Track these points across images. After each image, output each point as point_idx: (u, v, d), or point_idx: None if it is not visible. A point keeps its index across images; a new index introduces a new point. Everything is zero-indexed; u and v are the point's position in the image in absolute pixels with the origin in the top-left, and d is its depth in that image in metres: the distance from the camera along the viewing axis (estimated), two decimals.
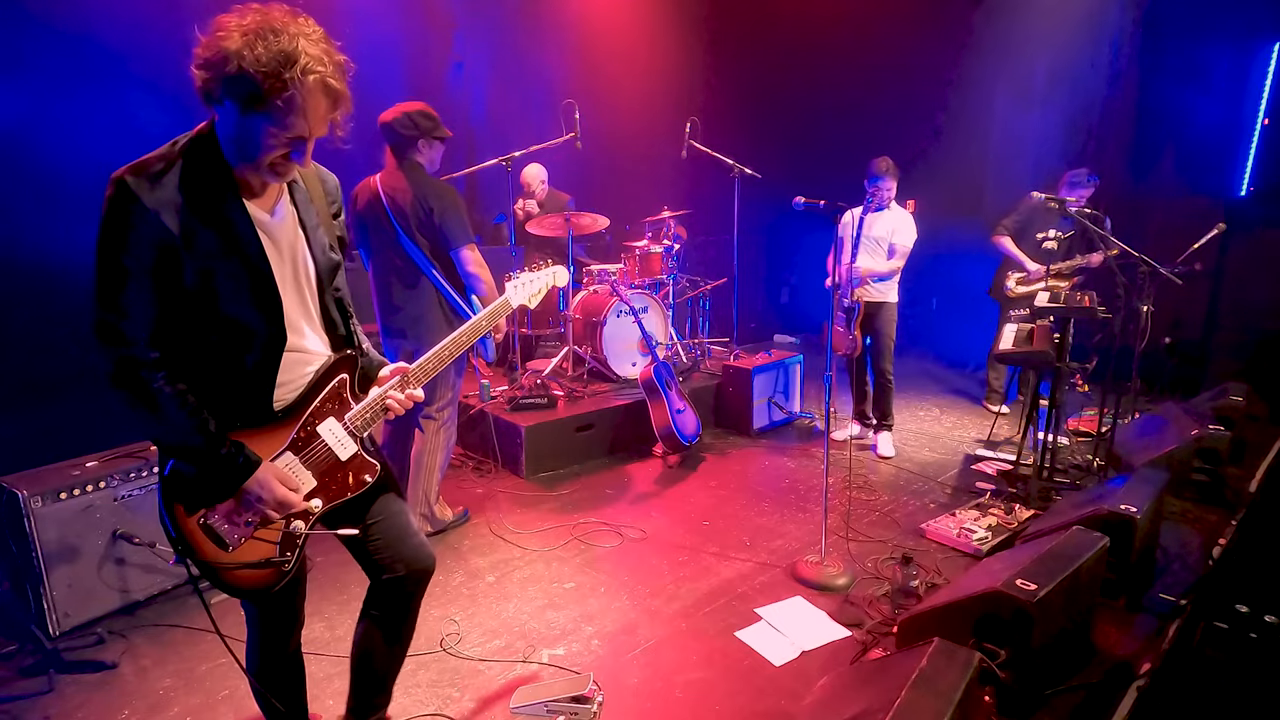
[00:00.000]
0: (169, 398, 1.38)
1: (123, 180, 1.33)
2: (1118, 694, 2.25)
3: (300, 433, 1.55)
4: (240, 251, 1.43)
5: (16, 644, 2.53)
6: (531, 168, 5.60)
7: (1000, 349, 3.85)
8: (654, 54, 7.57)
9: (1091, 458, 3.99)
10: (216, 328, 1.43)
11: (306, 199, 1.58)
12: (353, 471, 1.63)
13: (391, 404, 1.65)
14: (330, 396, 1.60)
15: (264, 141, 1.35)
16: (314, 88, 1.32)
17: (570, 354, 4.91)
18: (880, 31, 6.76)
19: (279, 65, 1.27)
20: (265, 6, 1.33)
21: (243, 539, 1.48)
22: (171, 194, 1.35)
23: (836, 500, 3.68)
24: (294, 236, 1.54)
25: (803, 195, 3.12)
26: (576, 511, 3.68)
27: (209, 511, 1.45)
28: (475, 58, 6.83)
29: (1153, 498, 2.82)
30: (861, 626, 2.67)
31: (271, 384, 1.51)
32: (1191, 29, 5.48)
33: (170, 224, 1.34)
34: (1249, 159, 5.42)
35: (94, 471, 2.69)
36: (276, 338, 1.50)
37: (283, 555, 1.53)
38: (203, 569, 1.46)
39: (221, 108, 1.35)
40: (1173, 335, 5.31)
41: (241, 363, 1.47)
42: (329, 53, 1.35)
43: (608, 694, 2.30)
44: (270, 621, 1.72)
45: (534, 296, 2.08)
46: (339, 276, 1.67)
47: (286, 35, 1.29)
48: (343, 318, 1.68)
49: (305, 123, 1.34)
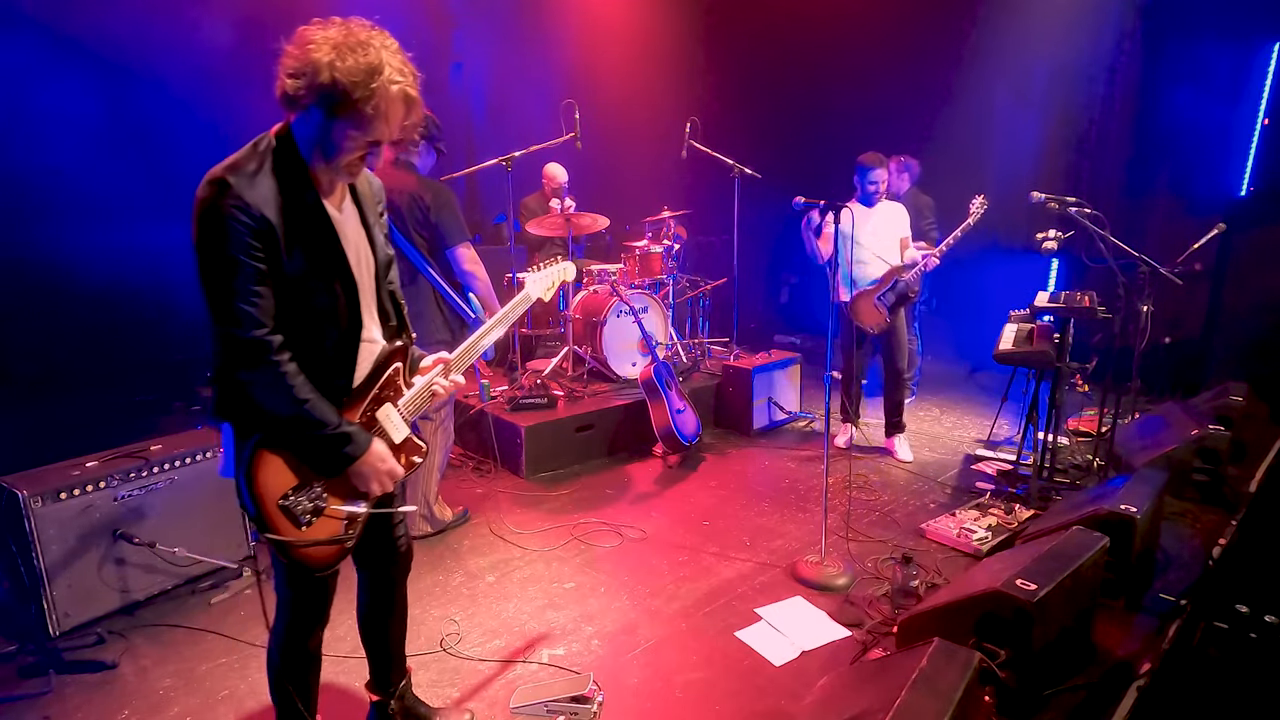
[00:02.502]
0: (299, 377, 1.50)
1: (224, 179, 1.41)
2: (1118, 694, 2.25)
3: (363, 417, 1.67)
4: (324, 244, 1.55)
5: (16, 644, 2.53)
6: (555, 166, 5.61)
7: (1000, 349, 3.85)
8: (654, 54, 7.57)
9: (1091, 458, 3.98)
10: (306, 316, 1.54)
11: (365, 198, 1.70)
12: (404, 453, 1.76)
13: (438, 390, 1.79)
14: (387, 383, 1.72)
15: (345, 145, 1.47)
16: (396, 96, 1.45)
17: (570, 354, 4.91)
18: (880, 31, 6.75)
19: (366, 76, 1.40)
20: (344, 20, 1.45)
21: (314, 518, 1.58)
22: (267, 191, 1.45)
23: (836, 500, 3.68)
24: (358, 232, 1.66)
25: (802, 195, 3.12)
26: (576, 511, 3.68)
27: (289, 494, 1.55)
28: (475, 58, 6.83)
29: (1153, 498, 2.82)
30: (861, 626, 2.67)
31: (351, 369, 1.64)
32: (1191, 29, 5.47)
33: (272, 217, 1.44)
34: (1249, 159, 5.42)
35: (94, 471, 2.68)
36: (355, 325, 1.63)
37: (346, 533, 1.65)
38: (276, 546, 1.56)
39: (305, 113, 1.46)
40: (1173, 335, 5.31)
41: (325, 348, 1.59)
42: (406, 63, 1.48)
43: (608, 694, 2.30)
44: (303, 610, 1.75)
45: (549, 290, 2.18)
46: (392, 270, 1.80)
47: (372, 48, 1.42)
48: (395, 309, 1.80)
49: (386, 128, 1.47)
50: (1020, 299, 4.19)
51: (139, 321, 5.18)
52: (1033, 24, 6.11)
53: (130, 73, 5.17)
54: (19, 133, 4.83)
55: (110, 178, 5.10)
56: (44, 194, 4.96)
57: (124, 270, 4.98)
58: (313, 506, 1.58)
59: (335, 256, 1.57)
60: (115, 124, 5.18)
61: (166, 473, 2.84)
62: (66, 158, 4.98)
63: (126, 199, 5.13)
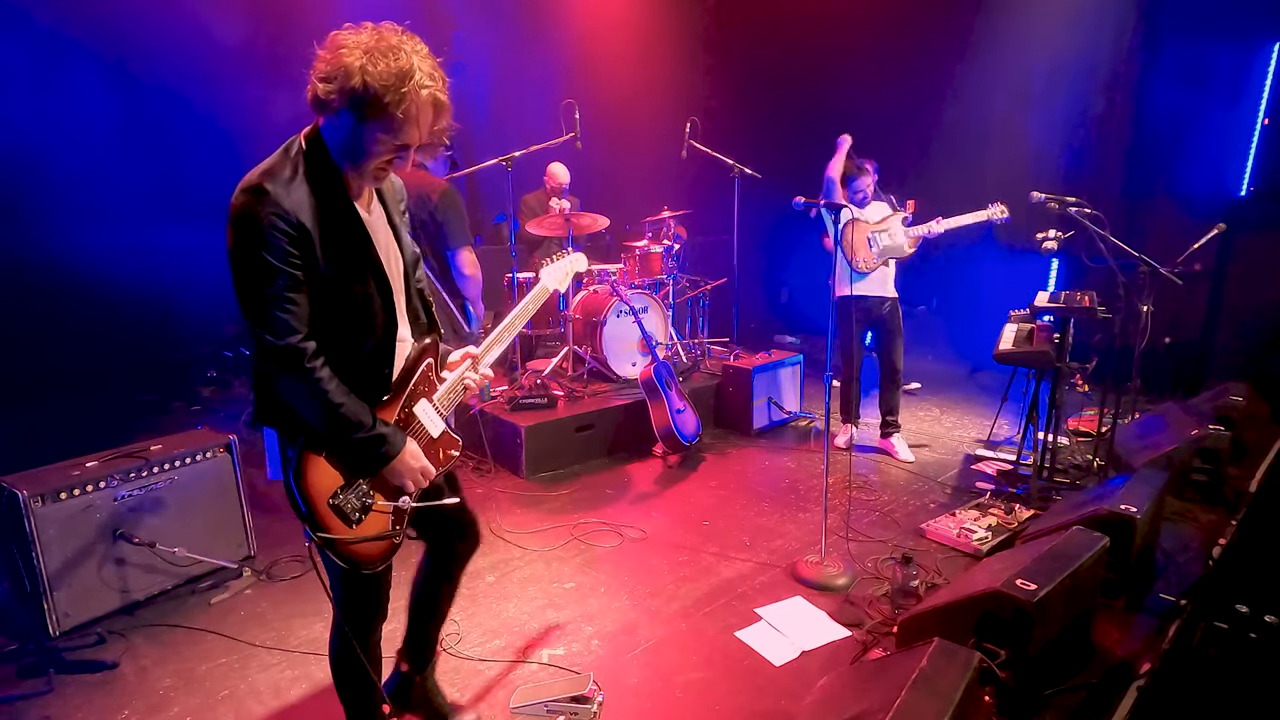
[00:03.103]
0: (333, 382, 1.52)
1: (261, 186, 1.42)
2: (1118, 694, 2.25)
3: (401, 414, 1.69)
4: (358, 247, 1.57)
5: (17, 644, 2.53)
6: (558, 166, 5.61)
7: (1000, 349, 3.85)
8: (654, 54, 7.57)
9: (1091, 458, 3.98)
10: (344, 317, 1.56)
11: (390, 199, 1.72)
12: (442, 447, 1.79)
13: (469, 383, 1.83)
14: (421, 379, 1.74)
15: (374, 148, 1.48)
16: (426, 101, 1.46)
17: (570, 354, 4.91)
18: (880, 31, 6.76)
19: (398, 81, 1.41)
20: (376, 26, 1.45)
21: (364, 516, 1.61)
22: (303, 196, 1.47)
23: (836, 500, 3.68)
24: (386, 232, 1.69)
25: (803, 195, 3.12)
26: (576, 511, 3.68)
27: (339, 492, 1.57)
28: (475, 58, 6.83)
29: (1153, 498, 2.82)
30: (861, 626, 2.67)
31: (388, 368, 1.67)
32: (1191, 29, 5.47)
33: (308, 223, 1.46)
34: (1249, 159, 5.42)
35: (94, 471, 2.68)
36: (390, 324, 1.65)
37: (394, 529, 1.67)
38: (328, 545, 1.58)
39: (336, 116, 1.46)
40: (1173, 335, 5.31)
41: (362, 349, 1.61)
42: (436, 68, 1.49)
43: (608, 694, 2.30)
44: (358, 609, 1.77)
45: (563, 281, 2.22)
46: (420, 268, 1.82)
47: (403, 53, 1.42)
48: (423, 306, 1.82)
49: (415, 131, 1.48)
50: (1020, 299, 4.18)
51: (139, 321, 5.18)
52: (1033, 24, 6.11)
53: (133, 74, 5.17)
54: (19, 133, 4.83)
55: (111, 178, 5.11)
56: (44, 194, 4.96)
57: (124, 270, 4.98)
58: (361, 504, 1.60)
59: (369, 259, 1.59)
60: (117, 125, 5.19)
61: (166, 473, 2.84)
62: (67, 157, 4.98)
63: (127, 199, 5.14)
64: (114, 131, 5.17)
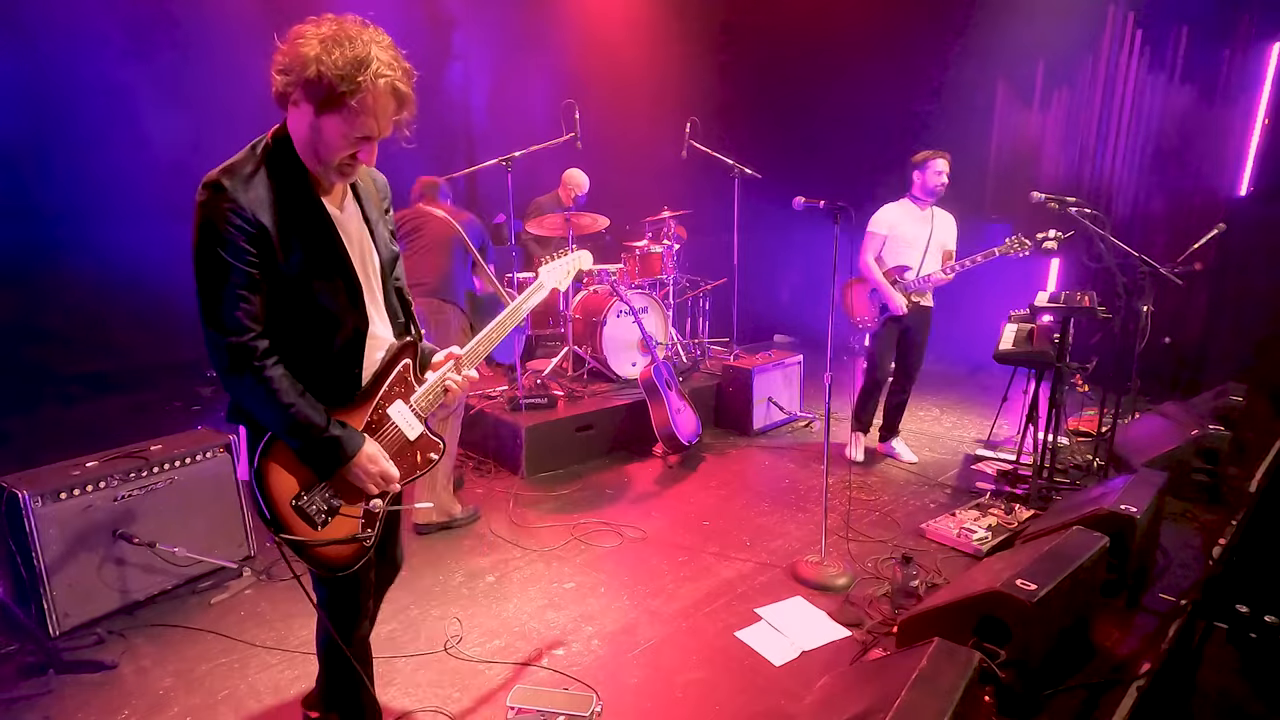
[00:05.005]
0: (284, 381, 1.48)
1: (219, 182, 1.40)
2: (1118, 694, 2.25)
3: (373, 415, 1.66)
4: (324, 243, 1.54)
5: (17, 644, 2.52)
6: (578, 173, 5.60)
7: (1000, 349, 3.84)
8: (654, 54, 7.56)
9: (1091, 458, 3.98)
10: (308, 315, 1.54)
11: (367, 195, 1.69)
12: (419, 450, 1.75)
13: (450, 385, 1.77)
14: (397, 380, 1.71)
15: (334, 141, 1.45)
16: (384, 90, 1.42)
17: (570, 354, 4.91)
18: (880, 31, 6.75)
19: (353, 69, 1.38)
20: (339, 17, 1.43)
21: (330, 518, 1.58)
22: (263, 192, 1.45)
23: (836, 500, 3.68)
24: (360, 230, 1.65)
25: (803, 195, 3.12)
26: (576, 511, 3.68)
27: (302, 494, 1.55)
28: (475, 58, 6.83)
29: (1153, 498, 2.81)
30: (861, 626, 2.67)
31: (358, 367, 1.63)
32: (1191, 29, 5.48)
33: (265, 220, 1.43)
34: (1249, 159, 5.42)
35: (94, 471, 2.68)
36: (360, 322, 1.62)
37: (364, 532, 1.64)
38: (294, 547, 1.56)
39: (297, 109, 1.45)
40: (1172, 335, 5.31)
41: (330, 348, 1.58)
42: (398, 59, 1.46)
43: (608, 694, 2.30)
44: (339, 607, 1.75)
45: (564, 279, 2.18)
46: (398, 267, 1.78)
47: (360, 42, 1.40)
48: (402, 306, 1.79)
49: (375, 123, 1.45)
50: (1020, 299, 4.18)
51: (139, 321, 5.18)
52: (1033, 24, 6.11)
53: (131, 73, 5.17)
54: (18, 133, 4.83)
55: (111, 178, 5.10)
56: (44, 194, 4.96)
57: (124, 270, 4.98)
58: (327, 506, 1.58)
59: (336, 255, 1.56)
60: (116, 124, 5.19)
61: (166, 473, 2.84)
62: (67, 158, 4.98)
63: (127, 199, 5.13)
64: (115, 131, 5.17)
